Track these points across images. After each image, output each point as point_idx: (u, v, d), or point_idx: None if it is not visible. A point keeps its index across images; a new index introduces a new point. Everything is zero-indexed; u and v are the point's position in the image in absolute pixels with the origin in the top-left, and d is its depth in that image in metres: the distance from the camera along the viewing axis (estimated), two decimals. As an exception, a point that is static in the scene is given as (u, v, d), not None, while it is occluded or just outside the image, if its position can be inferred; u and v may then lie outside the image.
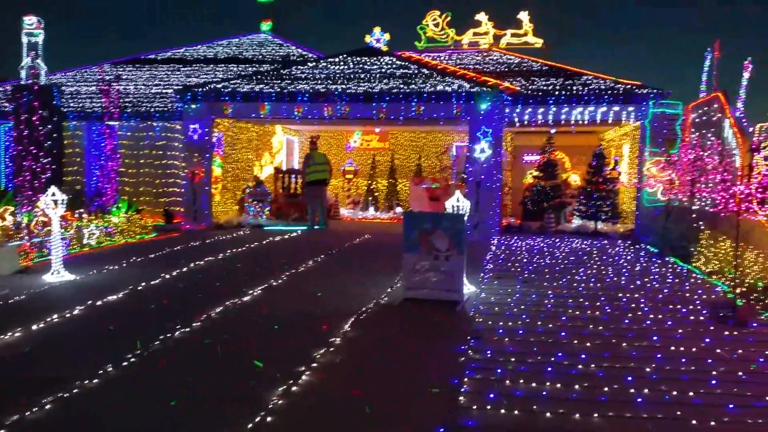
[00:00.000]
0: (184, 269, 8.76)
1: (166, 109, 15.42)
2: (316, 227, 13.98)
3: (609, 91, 13.43)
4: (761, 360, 5.08)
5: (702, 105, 11.90)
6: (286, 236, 12.71)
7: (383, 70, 14.26)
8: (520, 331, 5.89)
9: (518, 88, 13.98)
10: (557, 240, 12.95)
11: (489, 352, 5.22)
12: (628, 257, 10.66)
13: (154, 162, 15.65)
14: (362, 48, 16.15)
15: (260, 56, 18.75)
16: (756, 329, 6.06)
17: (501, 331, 5.91)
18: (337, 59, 14.98)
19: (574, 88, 13.86)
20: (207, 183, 14.11)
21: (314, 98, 13.50)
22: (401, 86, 13.43)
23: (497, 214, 13.56)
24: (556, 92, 13.66)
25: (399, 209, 17.69)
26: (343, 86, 13.66)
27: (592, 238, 13.37)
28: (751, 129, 9.01)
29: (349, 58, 14.92)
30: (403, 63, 14.56)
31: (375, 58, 14.90)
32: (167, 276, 8.24)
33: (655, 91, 13.04)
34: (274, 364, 4.80)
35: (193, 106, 14.04)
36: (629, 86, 13.59)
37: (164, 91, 16.56)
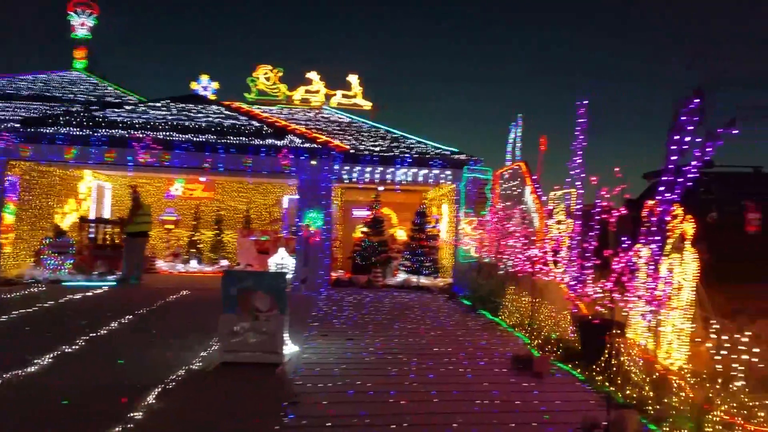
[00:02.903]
0: (-47, 336, 7.37)
1: (-52, 147, 13.27)
2: (131, 282, 12.82)
3: (430, 155, 14.44)
4: (557, 410, 5.54)
5: (507, 173, 13.28)
6: (90, 293, 11.39)
7: (210, 119, 13.82)
8: (341, 393, 5.80)
9: (348, 147, 14.43)
10: (383, 294, 13.28)
11: (305, 420, 5.03)
12: (446, 311, 11.25)
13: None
14: (188, 95, 15.57)
15: (71, 95, 17.17)
16: (550, 379, 6.64)
17: (321, 393, 5.76)
18: (159, 104, 14.22)
19: (399, 150, 14.69)
20: (-4, 232, 12.26)
21: (130, 144, 12.58)
22: (229, 137, 13.11)
23: (326, 268, 13.60)
24: (383, 153, 14.35)
25: (225, 262, 16.96)
26: (165, 133, 12.95)
27: (415, 292, 13.95)
28: (544, 198, 10.18)
29: (172, 103, 14.26)
30: (231, 113, 14.28)
31: (202, 106, 14.43)
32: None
33: (469, 157, 14.31)
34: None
35: (-16, 146, 12.27)
36: (447, 152, 14.76)
37: (-52, 126, 14.30)
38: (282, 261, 13.12)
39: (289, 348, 7.16)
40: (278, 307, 6.75)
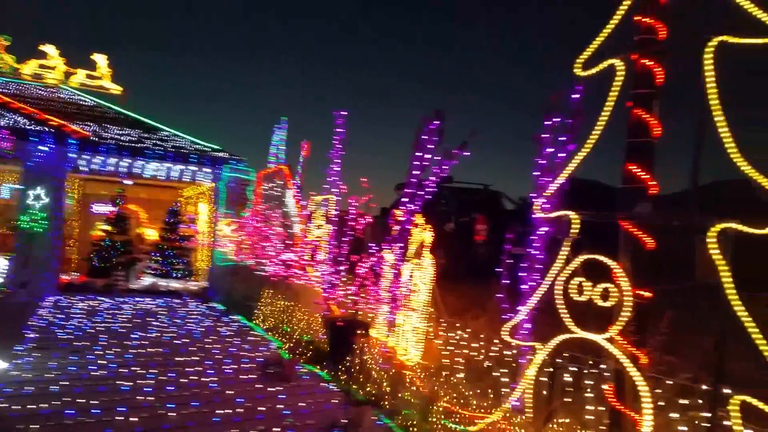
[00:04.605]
0: None
1: None
2: None
3: (187, 150, 13.56)
4: (302, 412, 5.54)
5: (270, 175, 13.14)
6: None
7: None
8: (57, 414, 4.98)
9: (89, 133, 12.75)
10: (125, 300, 12.01)
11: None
12: (197, 316, 10.63)
13: None
14: None
15: None
16: (299, 382, 6.65)
17: (33, 416, 4.88)
18: None
19: (152, 142, 13.50)
20: None
21: None
22: (-74, 107, 10.56)
23: (54, 270, 11.79)
24: (132, 143, 13.02)
25: None
26: None
27: (164, 296, 12.93)
28: (303, 202, 10.29)
29: None
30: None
31: None
32: None
33: (231, 156, 13.79)
34: None
35: None
36: (207, 148, 14.03)
37: None
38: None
39: (-8, 365, 5.96)
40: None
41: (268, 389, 6.24)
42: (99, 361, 6.89)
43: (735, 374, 5.07)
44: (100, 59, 16.44)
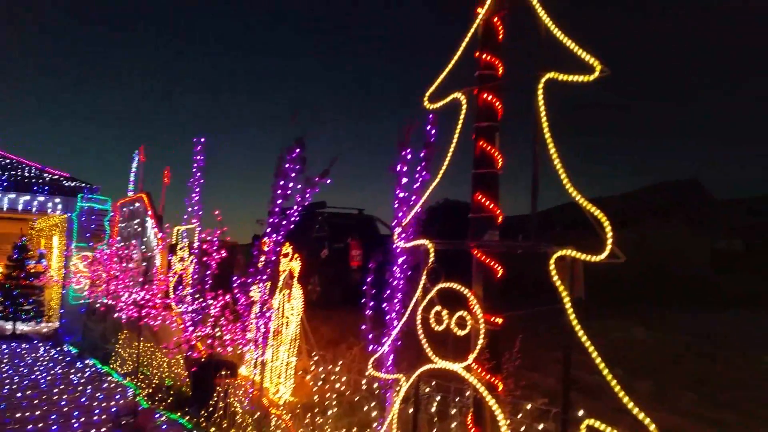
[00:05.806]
0: None
1: None
2: None
3: (33, 179, 12.29)
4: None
5: (128, 204, 12.20)
6: None
7: None
8: None
9: None
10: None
11: None
12: (46, 362, 9.61)
13: None
14: None
15: None
16: (155, 434, 6.08)
17: None
18: None
19: (-9, 170, 12.09)
20: None
21: None
22: None
23: None
24: (-33, 172, 11.58)
25: None
26: None
27: (10, 342, 11.62)
28: (161, 235, 9.61)
29: None
30: None
31: None
32: None
33: (84, 184, 12.69)
34: None
35: None
36: (57, 177, 12.81)
37: None
38: None
39: None
40: None
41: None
42: None
43: (590, 385, 5.36)
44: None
